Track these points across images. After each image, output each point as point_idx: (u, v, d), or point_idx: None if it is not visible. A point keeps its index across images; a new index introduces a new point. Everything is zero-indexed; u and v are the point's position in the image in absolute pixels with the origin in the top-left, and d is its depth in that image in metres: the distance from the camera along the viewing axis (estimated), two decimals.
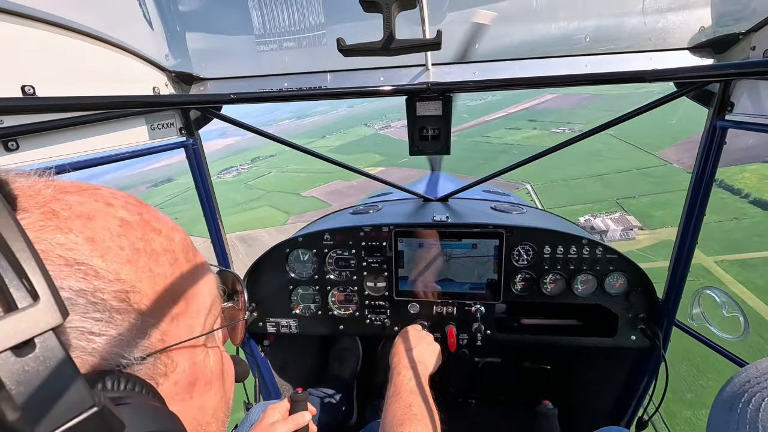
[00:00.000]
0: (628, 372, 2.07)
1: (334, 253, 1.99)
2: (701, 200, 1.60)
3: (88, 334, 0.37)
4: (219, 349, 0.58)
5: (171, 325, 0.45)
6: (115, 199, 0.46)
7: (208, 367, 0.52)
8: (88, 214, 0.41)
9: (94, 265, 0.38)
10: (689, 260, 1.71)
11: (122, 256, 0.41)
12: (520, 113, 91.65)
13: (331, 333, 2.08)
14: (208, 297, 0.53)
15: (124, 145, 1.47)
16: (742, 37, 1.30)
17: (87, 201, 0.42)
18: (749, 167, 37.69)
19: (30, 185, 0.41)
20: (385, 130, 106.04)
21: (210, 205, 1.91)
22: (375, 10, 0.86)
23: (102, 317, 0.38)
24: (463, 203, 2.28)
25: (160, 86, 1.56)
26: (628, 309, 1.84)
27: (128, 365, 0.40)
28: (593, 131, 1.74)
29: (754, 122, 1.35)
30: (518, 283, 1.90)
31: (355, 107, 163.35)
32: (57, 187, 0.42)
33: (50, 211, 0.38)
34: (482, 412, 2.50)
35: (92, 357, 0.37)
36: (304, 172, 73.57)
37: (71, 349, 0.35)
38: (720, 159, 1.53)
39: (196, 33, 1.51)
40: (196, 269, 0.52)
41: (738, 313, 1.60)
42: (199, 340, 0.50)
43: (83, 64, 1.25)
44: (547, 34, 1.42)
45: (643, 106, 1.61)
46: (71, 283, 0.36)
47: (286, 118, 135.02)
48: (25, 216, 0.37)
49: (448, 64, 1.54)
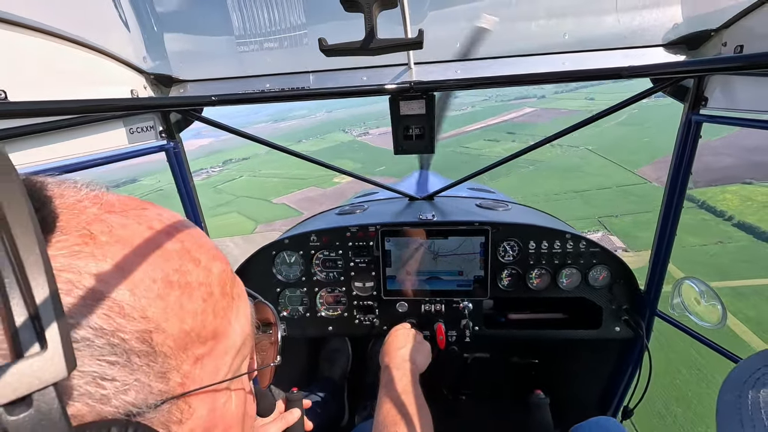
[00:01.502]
0: (613, 363, 2.11)
1: (321, 254, 1.98)
2: (679, 192, 1.64)
3: (99, 379, 0.33)
4: (244, 391, 0.52)
5: (194, 367, 0.41)
6: (159, 222, 0.43)
7: (229, 412, 0.47)
8: (126, 240, 0.38)
9: (121, 300, 0.35)
10: (669, 251, 1.76)
11: (153, 290, 0.38)
12: (500, 125, 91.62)
13: (320, 334, 2.07)
14: (240, 335, 0.48)
15: (102, 149, 1.44)
16: (714, 34, 1.34)
17: (129, 224, 0.40)
18: (730, 188, 37.12)
19: (77, 201, 0.39)
20: (363, 137, 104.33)
21: (194, 210, 1.88)
22: (356, 10, 0.86)
23: (118, 360, 0.34)
24: (449, 201, 2.29)
25: (139, 89, 1.52)
26: (611, 301, 1.88)
27: (140, 413, 0.36)
28: (573, 128, 1.76)
29: (727, 116, 1.40)
30: (505, 278, 1.92)
31: (333, 112, 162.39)
32: (103, 204, 0.40)
33: (88, 234, 0.36)
34: (473, 407, 2.52)
35: (100, 404, 0.33)
36: (278, 177, 71.36)
37: (77, 396, 0.32)
38: (695, 154, 1.57)
39: (174, 34, 1.48)
40: (231, 304, 0.47)
41: (716, 301, 1.65)
42: (222, 384, 0.45)
43: (57, 68, 1.21)
44: (527, 33, 1.44)
45: (621, 102, 1.65)
46: (93, 320, 0.34)
47: (263, 121, 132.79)
48: (62, 239, 0.35)
49: (431, 63, 1.54)
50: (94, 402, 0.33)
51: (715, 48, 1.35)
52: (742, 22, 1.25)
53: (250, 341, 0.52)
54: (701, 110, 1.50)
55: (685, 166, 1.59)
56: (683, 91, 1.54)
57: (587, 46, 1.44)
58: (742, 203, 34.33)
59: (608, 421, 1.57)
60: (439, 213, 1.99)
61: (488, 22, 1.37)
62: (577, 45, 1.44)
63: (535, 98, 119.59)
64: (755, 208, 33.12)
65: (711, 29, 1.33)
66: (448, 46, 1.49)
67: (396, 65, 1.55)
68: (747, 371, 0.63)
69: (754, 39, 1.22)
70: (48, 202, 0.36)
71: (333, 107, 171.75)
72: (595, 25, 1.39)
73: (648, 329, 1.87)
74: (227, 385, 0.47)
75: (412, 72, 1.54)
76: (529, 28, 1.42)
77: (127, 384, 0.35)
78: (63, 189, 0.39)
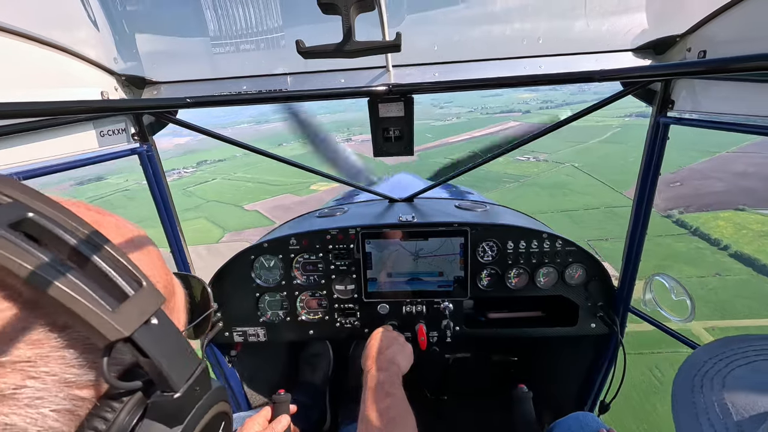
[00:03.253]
0: (590, 358, 2.17)
1: (301, 257, 1.96)
2: (649, 192, 1.70)
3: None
4: None
5: None
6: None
7: None
8: None
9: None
10: (641, 248, 1.82)
11: None
12: (485, 137, 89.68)
13: (300, 338, 2.05)
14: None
15: (71, 153, 1.39)
16: (679, 39, 1.40)
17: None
18: (722, 214, 34.84)
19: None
20: (346, 143, 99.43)
21: (169, 216, 1.84)
22: (333, 12, 0.85)
23: None
24: (428, 203, 2.31)
25: (110, 90, 1.48)
26: (587, 298, 1.93)
27: None
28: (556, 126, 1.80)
29: (693, 118, 1.46)
30: (484, 278, 1.94)
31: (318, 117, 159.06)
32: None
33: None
34: (455, 408, 2.54)
35: None
36: (252, 181, 67.99)
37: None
38: (663, 154, 1.63)
39: (147, 35, 1.44)
40: None
41: (685, 296, 1.71)
42: None
43: (21, 68, 1.17)
44: (504, 37, 1.46)
45: (595, 104, 1.70)
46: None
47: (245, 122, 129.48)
48: None
49: (409, 66, 1.55)
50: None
51: (680, 53, 1.41)
52: (705, 29, 1.31)
53: None
54: (668, 113, 1.56)
55: (654, 165, 1.65)
56: (651, 94, 1.60)
57: (561, 50, 1.48)
58: (737, 231, 31.97)
59: (587, 416, 1.61)
60: (419, 214, 2.01)
61: None
62: (552, 49, 1.48)
63: (520, 113, 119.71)
64: (751, 237, 30.83)
65: (676, 35, 1.39)
66: (426, 49, 1.50)
67: (374, 68, 1.55)
68: (695, 366, 0.65)
69: (715, 45, 1.28)
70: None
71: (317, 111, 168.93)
72: (566, 30, 1.43)
73: (622, 325, 1.93)
74: None
75: (391, 75, 1.54)
76: (505, 32, 1.44)
77: None
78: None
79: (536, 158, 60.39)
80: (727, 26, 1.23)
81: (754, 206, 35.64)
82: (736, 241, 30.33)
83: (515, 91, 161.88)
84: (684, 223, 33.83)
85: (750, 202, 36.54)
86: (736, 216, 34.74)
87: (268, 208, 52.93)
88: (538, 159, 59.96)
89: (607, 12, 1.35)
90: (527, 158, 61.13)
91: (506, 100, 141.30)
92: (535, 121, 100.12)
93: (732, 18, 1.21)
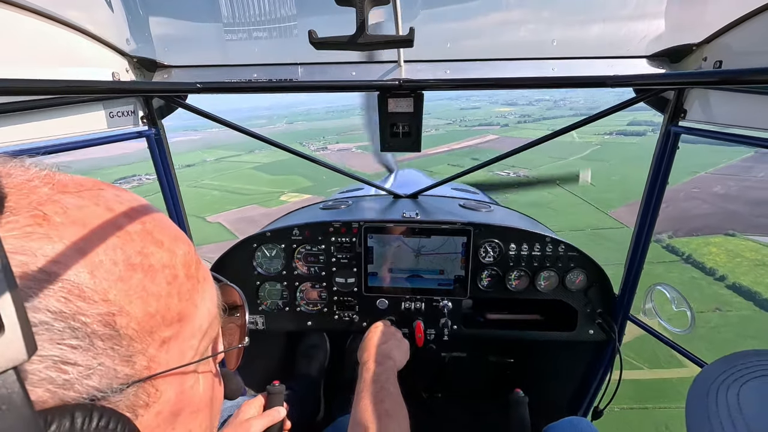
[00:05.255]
0: (586, 364, 2.16)
1: (303, 248, 1.97)
2: (656, 201, 1.69)
3: (61, 363, 0.32)
4: (211, 374, 0.52)
5: (160, 350, 0.40)
6: (119, 204, 0.41)
7: (197, 395, 0.47)
8: (83, 221, 0.37)
9: (80, 282, 0.34)
10: (644, 257, 1.81)
11: (114, 272, 0.37)
12: (464, 150, 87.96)
13: (299, 329, 2.06)
14: (206, 318, 0.48)
15: (80, 132, 1.39)
16: (696, 48, 1.38)
17: (86, 204, 0.38)
18: (712, 240, 33.25)
19: (26, 181, 0.37)
20: (321, 151, 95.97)
21: (174, 202, 1.84)
22: (348, 4, 0.85)
23: (80, 344, 0.33)
24: (433, 200, 2.30)
25: (121, 72, 1.48)
26: (586, 304, 1.92)
27: (105, 397, 0.35)
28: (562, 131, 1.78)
29: (704, 129, 1.44)
30: (484, 279, 1.94)
31: (294, 124, 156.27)
32: (56, 184, 0.38)
33: (41, 215, 0.34)
34: (448, 406, 2.54)
35: (63, 390, 0.32)
36: (219, 189, 63.15)
37: (38, 381, 0.31)
38: (672, 163, 1.62)
39: (160, 18, 1.44)
40: (196, 286, 0.46)
41: (686, 308, 1.70)
42: (189, 366, 0.45)
43: (34, 45, 1.17)
44: (517, 38, 1.45)
45: (606, 110, 1.68)
46: (50, 303, 0.32)
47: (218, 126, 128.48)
48: (11, 220, 0.33)
49: (421, 62, 1.54)
50: (56, 387, 0.32)
51: (695, 62, 1.39)
52: (722, 39, 1.29)
53: (216, 324, 0.52)
54: (680, 122, 1.54)
55: (662, 174, 1.64)
56: (664, 102, 1.58)
57: (575, 53, 1.47)
58: (731, 259, 30.24)
59: (580, 421, 1.61)
60: (423, 212, 2.00)
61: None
62: (565, 52, 1.46)
63: (499, 126, 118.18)
64: (746, 266, 29.14)
65: (693, 44, 1.37)
66: (439, 46, 1.49)
67: (386, 62, 1.54)
68: (713, 374, 0.66)
69: (732, 55, 1.26)
70: None
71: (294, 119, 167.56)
72: (582, 33, 1.41)
73: (620, 332, 1.93)
74: (194, 368, 0.47)
75: (402, 70, 1.53)
76: (518, 32, 1.43)
77: (91, 368, 0.34)
78: (9, 168, 0.37)
79: (516, 173, 55.68)
80: (745, 37, 1.21)
81: (744, 231, 34.18)
82: (731, 270, 28.61)
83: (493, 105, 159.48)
84: (675, 249, 32.29)
85: (739, 227, 35.00)
86: (727, 242, 33.15)
87: (232, 221, 48.87)
88: (518, 174, 54.89)
89: (624, 17, 1.34)
90: (507, 173, 55.71)
91: (485, 114, 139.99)
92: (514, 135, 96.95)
93: (750, 29, 1.19)
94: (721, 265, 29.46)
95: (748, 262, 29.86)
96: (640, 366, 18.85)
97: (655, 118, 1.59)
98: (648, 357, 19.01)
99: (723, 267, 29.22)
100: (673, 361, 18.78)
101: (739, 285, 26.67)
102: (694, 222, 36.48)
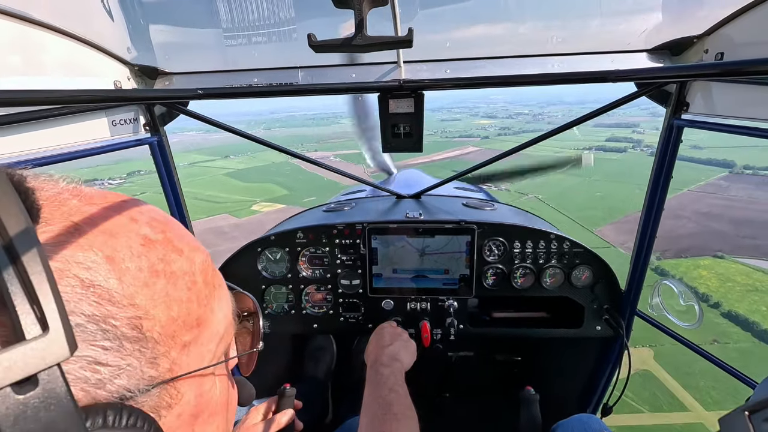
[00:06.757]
0: (594, 361, 2.15)
1: (308, 251, 1.97)
2: (660, 195, 1.68)
3: (94, 364, 0.34)
4: (227, 378, 0.55)
5: (181, 354, 0.42)
6: (141, 214, 0.44)
7: (215, 398, 0.49)
8: (111, 231, 0.39)
9: (109, 287, 0.36)
10: (650, 252, 1.80)
11: (140, 278, 0.39)
12: (444, 162, 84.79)
13: (305, 332, 2.06)
14: (222, 323, 0.50)
15: (83, 141, 1.40)
16: (697, 41, 1.37)
17: (111, 215, 0.41)
18: (701, 262, 32.00)
19: (57, 194, 0.39)
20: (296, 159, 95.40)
21: (179, 208, 1.85)
22: (346, 6, 0.85)
23: (111, 346, 0.36)
24: (436, 200, 2.30)
25: (122, 80, 1.49)
26: (593, 300, 1.91)
27: (132, 397, 0.37)
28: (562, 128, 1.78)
29: (707, 121, 1.43)
30: (489, 277, 1.94)
31: (272, 130, 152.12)
32: (83, 197, 0.41)
33: (72, 225, 0.37)
34: (456, 406, 2.54)
35: (96, 389, 0.35)
36: (189, 196, 54.37)
37: (74, 381, 0.33)
38: (676, 156, 1.61)
39: (160, 25, 1.45)
40: (213, 293, 0.49)
41: (693, 302, 1.69)
42: (207, 370, 0.47)
43: (37, 56, 1.18)
44: (518, 35, 1.45)
45: (607, 105, 1.67)
46: (84, 307, 0.34)
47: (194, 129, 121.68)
48: (47, 230, 0.35)
49: (421, 62, 1.54)
50: (89, 386, 0.34)
51: (697, 54, 1.38)
52: (723, 30, 1.28)
53: (231, 330, 0.54)
54: (683, 115, 1.54)
55: (666, 168, 1.63)
56: (665, 96, 1.58)
57: (575, 49, 1.46)
58: (722, 284, 28.78)
59: (590, 418, 1.60)
60: (426, 211, 2.00)
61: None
62: (566, 48, 1.46)
63: (479, 138, 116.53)
64: (739, 291, 27.72)
65: (694, 36, 1.36)
66: (438, 45, 1.49)
67: (385, 63, 1.54)
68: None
69: (734, 47, 1.26)
70: (29, 194, 0.36)
71: (272, 125, 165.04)
72: (582, 29, 1.41)
73: (628, 328, 1.91)
74: (212, 371, 0.49)
75: (402, 70, 1.53)
76: (519, 30, 1.43)
77: (121, 368, 0.36)
78: (41, 182, 0.40)
79: (498, 187, 55.02)
80: (747, 28, 1.20)
81: (732, 253, 32.89)
82: (724, 296, 27.21)
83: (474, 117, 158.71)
84: (665, 271, 30.48)
85: (726, 249, 33.83)
86: (717, 264, 31.67)
87: (200, 231, 42.59)
88: (499, 188, 54.07)
89: (623, 11, 1.33)
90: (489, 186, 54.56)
91: (465, 125, 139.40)
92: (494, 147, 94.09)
93: (752, 20, 1.18)
94: (714, 291, 28.19)
95: (740, 287, 28.44)
96: (640, 409, 17.67)
97: (635, 135, 1.58)
98: (647, 398, 17.96)
99: (716, 292, 27.95)
100: (675, 403, 17.75)
101: (735, 313, 25.14)
102: (681, 242, 35.21)
